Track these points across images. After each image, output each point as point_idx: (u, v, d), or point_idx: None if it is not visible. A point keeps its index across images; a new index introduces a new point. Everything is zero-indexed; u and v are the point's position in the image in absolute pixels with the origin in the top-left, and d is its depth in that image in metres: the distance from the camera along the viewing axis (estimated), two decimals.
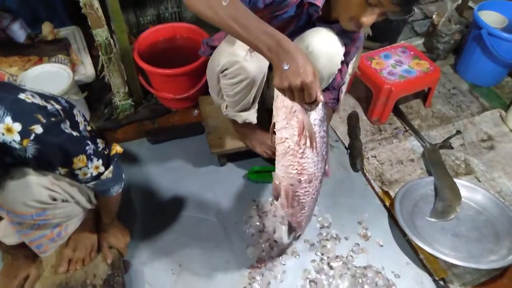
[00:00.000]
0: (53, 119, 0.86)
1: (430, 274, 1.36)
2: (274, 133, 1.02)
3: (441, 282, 1.35)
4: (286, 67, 0.85)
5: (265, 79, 1.28)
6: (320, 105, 0.94)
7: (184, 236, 1.43)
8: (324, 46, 1.18)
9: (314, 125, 0.96)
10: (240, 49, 1.16)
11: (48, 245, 1.06)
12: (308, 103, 0.92)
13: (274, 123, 1.00)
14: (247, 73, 1.20)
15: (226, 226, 1.47)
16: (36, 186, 0.90)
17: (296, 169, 1.02)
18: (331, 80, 1.33)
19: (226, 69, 1.23)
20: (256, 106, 1.38)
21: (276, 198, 1.11)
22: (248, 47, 0.99)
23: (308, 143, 0.96)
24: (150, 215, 1.49)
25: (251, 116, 1.39)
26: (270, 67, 1.18)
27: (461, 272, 1.36)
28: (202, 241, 1.42)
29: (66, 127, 0.89)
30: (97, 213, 1.26)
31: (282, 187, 1.07)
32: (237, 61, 1.18)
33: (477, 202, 1.53)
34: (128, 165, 1.64)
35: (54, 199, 0.95)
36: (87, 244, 1.25)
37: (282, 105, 0.96)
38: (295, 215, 1.18)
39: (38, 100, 0.87)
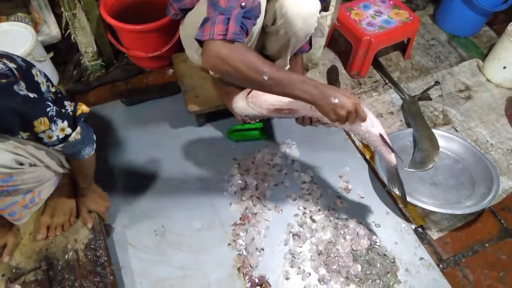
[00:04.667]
0: (3, 80, 0.79)
1: (409, 222, 1.40)
2: None
3: (420, 229, 1.39)
4: (336, 101, 0.96)
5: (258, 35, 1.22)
6: None
7: (165, 197, 1.42)
8: (298, 8, 1.12)
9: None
10: None
11: (22, 212, 1.03)
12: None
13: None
14: None
15: (208, 185, 1.46)
16: None
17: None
18: (308, 38, 1.29)
19: None
20: None
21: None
22: None
23: None
24: (129, 179, 1.46)
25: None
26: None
27: (438, 218, 1.40)
28: (184, 202, 1.41)
29: (20, 88, 0.82)
30: (74, 179, 1.22)
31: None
32: None
33: (454, 151, 1.56)
34: (103, 129, 1.58)
35: (21, 164, 0.91)
36: (65, 210, 1.22)
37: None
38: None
39: None
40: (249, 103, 1.23)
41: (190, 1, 1.25)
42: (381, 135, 1.11)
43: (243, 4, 0.93)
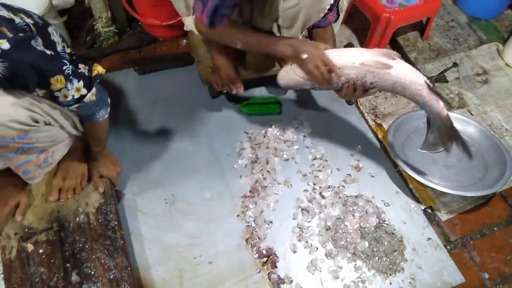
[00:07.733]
0: (21, 34, 0.78)
1: (419, 203, 1.39)
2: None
3: (429, 210, 1.39)
4: (304, 56, 1.06)
5: None
6: None
7: (176, 167, 1.42)
8: None
9: None
10: None
11: (36, 172, 1.03)
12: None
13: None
14: None
15: (218, 157, 1.45)
16: (13, 105, 0.84)
17: None
18: (321, 14, 1.24)
19: None
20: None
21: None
22: None
23: None
24: (140, 147, 1.46)
25: (189, 23, 1.37)
26: None
27: (449, 200, 1.40)
28: (195, 172, 1.41)
29: (37, 44, 0.81)
30: (87, 143, 1.22)
31: None
32: None
33: (468, 134, 1.54)
34: (115, 96, 1.58)
35: (36, 121, 0.90)
36: (77, 173, 1.22)
37: None
38: None
39: (3, 12, 0.79)
40: (293, 71, 1.21)
41: None
42: (426, 82, 1.09)
43: None
